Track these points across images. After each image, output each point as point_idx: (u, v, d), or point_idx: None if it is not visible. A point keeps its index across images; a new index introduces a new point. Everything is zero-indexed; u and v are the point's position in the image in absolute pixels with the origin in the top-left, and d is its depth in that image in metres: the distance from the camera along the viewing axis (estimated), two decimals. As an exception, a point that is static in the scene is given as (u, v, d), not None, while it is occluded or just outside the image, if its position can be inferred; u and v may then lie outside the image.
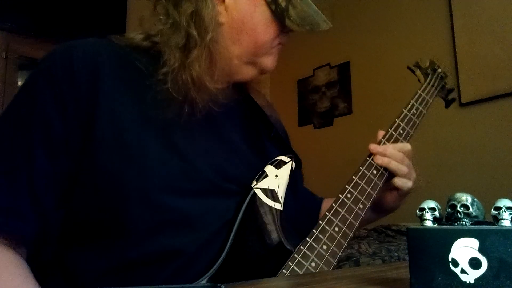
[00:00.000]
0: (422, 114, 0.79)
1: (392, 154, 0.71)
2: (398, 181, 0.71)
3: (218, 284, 0.36)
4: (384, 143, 0.73)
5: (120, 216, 0.53)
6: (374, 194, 0.68)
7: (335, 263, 0.59)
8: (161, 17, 0.61)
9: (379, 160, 0.70)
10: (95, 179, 0.54)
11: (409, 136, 0.76)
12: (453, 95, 0.90)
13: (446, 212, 0.33)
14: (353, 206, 0.65)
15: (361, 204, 0.66)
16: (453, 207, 0.32)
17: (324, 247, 0.59)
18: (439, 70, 0.88)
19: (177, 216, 0.55)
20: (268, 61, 0.67)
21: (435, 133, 2.25)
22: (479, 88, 2.11)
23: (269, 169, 0.63)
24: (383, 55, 2.61)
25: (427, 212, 0.34)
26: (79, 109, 0.54)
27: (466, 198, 0.32)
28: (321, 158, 2.73)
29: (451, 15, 2.27)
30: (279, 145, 0.74)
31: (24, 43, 2.60)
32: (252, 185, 0.61)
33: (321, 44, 3.07)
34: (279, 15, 0.62)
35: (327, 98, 3.02)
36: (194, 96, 0.58)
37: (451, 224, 0.33)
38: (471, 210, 0.32)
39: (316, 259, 0.58)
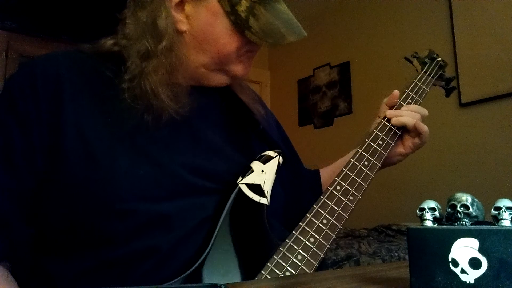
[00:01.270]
0: (418, 103, 0.80)
1: (407, 113, 0.75)
2: (419, 126, 0.75)
3: (218, 284, 0.36)
4: (377, 134, 0.75)
5: (93, 226, 0.53)
6: (366, 186, 0.68)
7: (322, 255, 0.58)
8: (128, 21, 0.61)
9: (396, 121, 0.75)
10: (65, 191, 0.54)
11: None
12: (454, 83, 0.89)
13: (446, 212, 0.33)
14: (342, 198, 0.65)
15: (351, 195, 0.66)
16: (453, 207, 0.32)
17: (311, 239, 0.59)
18: (438, 58, 0.87)
19: (151, 219, 0.54)
20: (238, 69, 0.65)
21: (435, 133, 2.24)
22: (479, 88, 2.11)
23: (255, 164, 0.63)
24: (383, 56, 2.61)
25: (427, 212, 0.34)
26: (42, 126, 0.54)
27: (466, 198, 0.32)
28: (321, 158, 2.72)
29: (451, 16, 2.27)
30: (267, 141, 0.73)
31: (24, 43, 2.60)
32: (237, 181, 0.61)
33: (321, 44, 3.07)
34: (239, 26, 0.60)
35: (328, 98, 3.02)
36: (154, 104, 0.57)
37: (451, 224, 0.33)
38: (471, 210, 0.32)
39: (302, 252, 0.57)
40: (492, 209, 0.31)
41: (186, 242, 0.56)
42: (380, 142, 0.73)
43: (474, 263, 0.30)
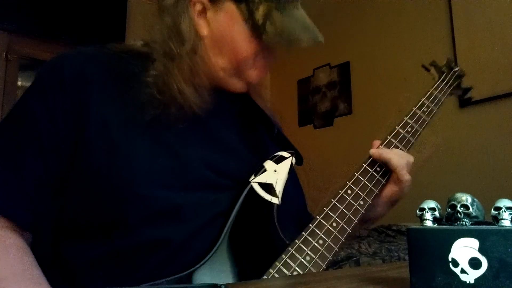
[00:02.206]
0: (433, 112, 0.77)
1: (396, 153, 0.70)
2: (397, 176, 0.69)
3: (218, 284, 0.36)
4: (390, 140, 0.72)
5: (111, 211, 0.56)
6: (376, 191, 0.67)
7: (330, 257, 0.59)
8: (156, 26, 0.65)
9: (376, 154, 0.70)
10: (87, 177, 0.57)
11: (417, 134, 0.75)
12: (469, 94, 0.88)
13: (446, 212, 0.33)
14: (353, 202, 0.64)
15: (361, 200, 0.65)
16: (453, 207, 0.33)
17: (320, 241, 0.59)
18: (456, 68, 0.87)
19: (166, 207, 0.57)
20: (252, 74, 0.68)
21: (435, 134, 2.25)
22: (479, 89, 2.11)
23: (268, 164, 0.64)
24: (383, 56, 2.61)
25: (427, 212, 0.34)
26: (69, 115, 0.58)
27: (466, 198, 0.32)
28: (321, 158, 2.73)
29: (451, 16, 2.27)
30: (282, 144, 0.74)
31: (24, 44, 2.60)
32: (250, 179, 0.62)
33: (321, 44, 3.07)
34: (256, 32, 0.63)
35: (327, 98, 3.02)
36: (178, 98, 0.61)
37: (451, 224, 0.33)
38: (471, 210, 0.32)
39: (310, 253, 0.58)
40: (492, 209, 0.31)
41: (198, 235, 0.57)
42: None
43: (474, 263, 0.30)
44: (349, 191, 0.65)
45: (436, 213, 0.34)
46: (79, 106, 0.59)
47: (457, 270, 0.31)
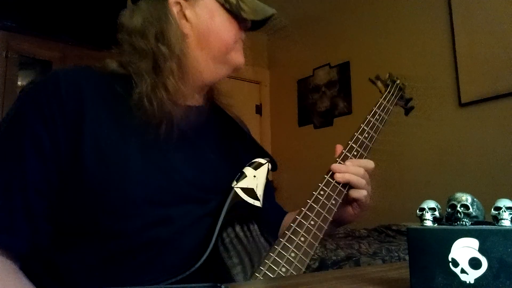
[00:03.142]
0: (384, 120, 0.86)
1: (354, 171, 0.73)
2: (355, 193, 0.73)
3: (218, 284, 0.36)
4: (346, 155, 0.77)
5: (103, 225, 0.58)
6: (335, 209, 0.70)
7: (303, 269, 0.62)
8: (125, 50, 0.67)
9: (340, 178, 0.72)
10: (82, 192, 0.58)
11: (373, 139, 0.82)
12: (412, 103, 0.98)
13: (446, 212, 0.33)
14: (316, 219, 0.67)
15: (322, 218, 0.67)
16: (453, 207, 0.32)
17: (292, 254, 0.62)
18: (398, 81, 0.96)
19: (156, 219, 0.60)
20: (237, 56, 0.73)
21: (435, 133, 2.25)
22: (479, 88, 2.11)
23: (248, 170, 0.70)
24: (383, 55, 2.61)
25: (427, 212, 0.34)
26: (67, 130, 0.59)
27: (466, 198, 0.32)
28: (321, 158, 2.72)
29: (451, 15, 2.27)
30: (254, 150, 0.79)
31: (24, 42, 2.60)
32: (233, 185, 0.67)
33: (321, 44, 3.07)
34: (234, 11, 0.69)
35: (327, 98, 3.02)
36: (169, 112, 0.63)
37: (451, 224, 0.33)
38: (471, 210, 0.32)
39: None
40: (492, 209, 0.31)
41: (186, 232, 0.62)
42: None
43: (474, 263, 0.30)
44: (309, 211, 0.68)
45: (436, 213, 0.34)
46: (74, 121, 0.60)
47: (457, 270, 0.31)
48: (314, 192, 0.70)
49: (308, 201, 0.68)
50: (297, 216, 0.66)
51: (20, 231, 0.56)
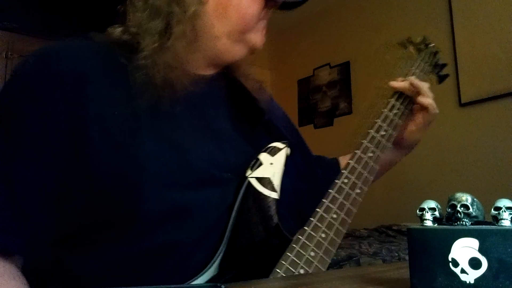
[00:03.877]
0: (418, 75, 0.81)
1: (417, 82, 0.76)
2: (422, 99, 0.77)
3: (218, 284, 0.36)
4: (373, 135, 0.76)
5: (120, 215, 0.53)
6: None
7: (334, 251, 0.58)
8: (138, 4, 0.61)
9: (413, 81, 0.76)
10: (92, 181, 0.52)
11: (401, 112, 0.78)
12: (446, 70, 0.90)
13: (446, 212, 0.33)
14: (350, 191, 0.63)
15: (358, 188, 0.65)
16: (453, 207, 0.33)
17: (323, 235, 0.57)
18: (432, 44, 0.88)
19: (175, 209, 0.54)
20: (257, 38, 0.66)
21: (435, 133, 2.25)
22: (479, 88, 2.11)
23: (263, 156, 0.62)
24: (383, 55, 2.61)
25: (427, 212, 0.34)
26: (67, 117, 0.53)
27: (466, 198, 0.32)
28: (321, 158, 2.73)
29: (451, 15, 2.27)
30: (272, 131, 0.72)
31: (24, 43, 2.60)
32: (247, 174, 0.60)
33: (321, 44, 3.07)
34: None
35: (328, 98, 3.02)
36: (173, 79, 0.57)
37: (451, 224, 0.33)
38: (471, 210, 0.32)
39: (315, 249, 0.57)
40: (492, 209, 0.31)
41: (207, 236, 0.56)
42: (392, 118, 0.75)
43: (474, 263, 0.30)
44: (345, 180, 0.64)
45: (436, 213, 0.34)
46: (78, 106, 0.53)
47: (457, 270, 0.31)
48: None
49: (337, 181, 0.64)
50: (324, 200, 0.61)
51: (10, 228, 0.50)
